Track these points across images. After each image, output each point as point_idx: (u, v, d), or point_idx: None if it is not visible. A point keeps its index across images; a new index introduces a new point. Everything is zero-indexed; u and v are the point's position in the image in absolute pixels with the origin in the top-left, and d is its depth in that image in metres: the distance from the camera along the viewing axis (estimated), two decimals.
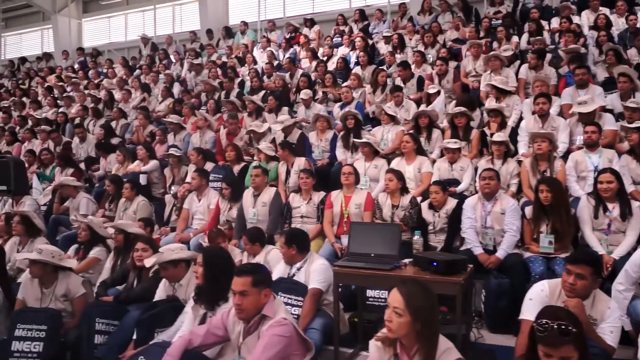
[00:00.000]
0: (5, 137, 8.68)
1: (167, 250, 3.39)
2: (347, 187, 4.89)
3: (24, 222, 4.68)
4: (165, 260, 3.35)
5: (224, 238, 4.42)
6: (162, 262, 3.38)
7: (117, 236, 4.31)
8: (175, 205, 5.73)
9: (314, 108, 7.19)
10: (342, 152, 6.17)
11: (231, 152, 6.16)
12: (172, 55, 11.33)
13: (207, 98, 8.57)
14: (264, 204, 5.07)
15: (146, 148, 6.64)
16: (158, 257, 3.39)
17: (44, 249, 3.55)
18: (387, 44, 9.27)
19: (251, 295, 2.43)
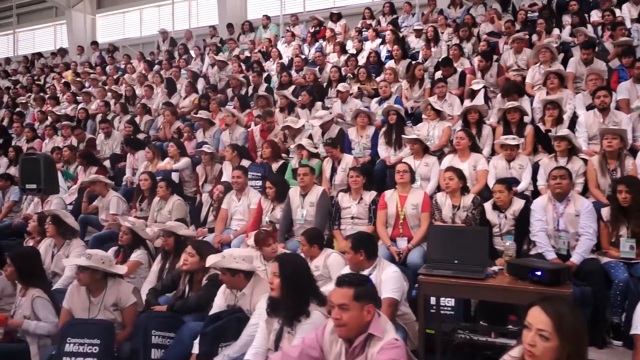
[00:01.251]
0: (26, 133, 8.39)
1: (229, 257, 3.08)
2: (402, 186, 4.57)
3: (55, 222, 4.39)
4: (224, 267, 3.05)
5: (274, 239, 4.11)
6: (220, 268, 3.08)
7: (166, 239, 4.00)
8: (212, 205, 5.42)
9: (350, 103, 6.86)
10: (385, 149, 5.86)
11: (267, 149, 5.85)
12: (192, 50, 11.02)
13: (234, 93, 8.27)
14: (312, 204, 4.76)
15: (177, 145, 6.33)
16: (217, 260, 3.08)
17: (93, 254, 3.24)
18: (417, 37, 8.95)
19: (352, 310, 2.12)
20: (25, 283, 3.45)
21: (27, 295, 3.38)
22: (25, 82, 12.27)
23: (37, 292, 3.38)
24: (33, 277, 3.46)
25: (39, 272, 3.61)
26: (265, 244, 4.01)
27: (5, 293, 3.59)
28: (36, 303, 3.33)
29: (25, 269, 3.46)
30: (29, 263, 3.50)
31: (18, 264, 3.45)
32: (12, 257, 3.49)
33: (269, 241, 4.02)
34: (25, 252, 3.62)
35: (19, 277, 3.46)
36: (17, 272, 3.45)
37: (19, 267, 3.45)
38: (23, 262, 3.47)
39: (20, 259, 3.48)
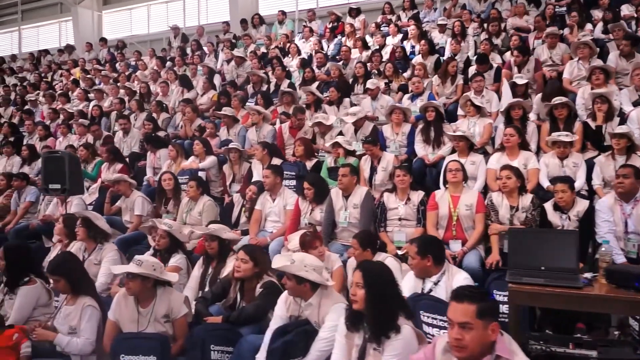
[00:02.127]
0: (39, 131, 8.08)
1: (300, 263, 2.79)
2: (454, 185, 4.30)
3: (86, 225, 4.11)
4: (293, 273, 2.77)
5: (321, 242, 3.84)
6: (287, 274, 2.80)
7: (210, 243, 3.72)
8: (244, 206, 5.14)
9: (381, 100, 6.60)
10: (422, 147, 5.59)
11: (299, 146, 5.58)
12: (206, 46, 10.72)
13: (255, 90, 7.99)
14: (356, 206, 4.48)
15: (203, 143, 6.05)
16: (286, 265, 2.80)
17: (144, 260, 2.96)
18: (441, 32, 8.69)
19: (475, 330, 1.85)
20: (76, 293, 3.15)
21: (77, 304, 3.10)
22: (32, 80, 11.94)
23: (89, 300, 3.09)
24: (83, 285, 3.17)
25: (87, 278, 3.32)
26: (311, 247, 3.74)
27: (40, 302, 3.29)
28: (86, 313, 3.04)
29: (76, 278, 3.15)
30: (77, 272, 3.20)
31: (67, 274, 3.13)
32: (58, 268, 3.15)
33: (315, 244, 3.76)
34: (70, 261, 3.30)
35: (71, 287, 3.14)
36: (68, 282, 3.13)
37: (69, 277, 3.13)
38: (72, 272, 3.15)
39: (68, 269, 3.15)
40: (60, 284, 3.11)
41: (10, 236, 5.97)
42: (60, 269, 3.11)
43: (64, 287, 3.13)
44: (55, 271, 3.10)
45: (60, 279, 3.09)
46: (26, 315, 3.22)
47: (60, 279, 3.09)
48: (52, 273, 3.10)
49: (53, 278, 3.11)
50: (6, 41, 17.21)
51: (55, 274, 3.10)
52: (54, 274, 3.09)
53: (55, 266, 3.13)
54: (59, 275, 3.08)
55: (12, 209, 6.39)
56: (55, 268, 3.11)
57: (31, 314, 3.24)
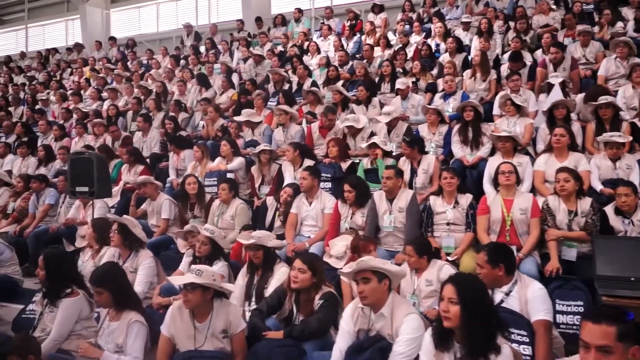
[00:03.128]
0: (54, 131, 7.85)
1: (380, 262, 2.56)
2: (506, 188, 4.09)
3: (122, 232, 3.88)
4: (378, 268, 2.54)
5: (375, 247, 3.62)
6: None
7: (255, 252, 3.50)
8: (278, 209, 4.93)
9: (412, 99, 6.38)
10: (460, 147, 5.38)
11: (333, 147, 5.36)
12: (220, 45, 10.50)
13: (276, 89, 7.77)
14: (401, 210, 4.26)
15: (230, 144, 5.83)
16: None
17: (203, 269, 2.72)
18: (465, 30, 8.48)
19: (616, 354, 1.64)
20: (120, 307, 2.89)
21: (123, 320, 2.85)
22: (41, 79, 11.71)
23: (135, 315, 2.84)
24: (129, 299, 2.92)
25: (132, 291, 3.07)
26: (365, 252, 3.54)
27: (82, 316, 3.05)
28: (132, 329, 2.79)
29: (121, 292, 2.90)
30: (123, 285, 2.95)
31: (113, 287, 2.86)
32: (103, 279, 2.87)
33: (369, 247, 3.55)
34: (117, 272, 3.01)
35: (115, 301, 2.88)
36: (112, 296, 2.86)
37: (114, 289, 2.86)
38: (118, 285, 2.90)
39: (114, 281, 2.89)
40: (104, 297, 2.86)
41: (30, 240, 5.76)
42: (106, 280, 2.86)
43: (107, 301, 2.89)
44: (100, 282, 2.84)
45: (104, 292, 2.84)
46: (69, 329, 2.99)
47: (104, 292, 2.84)
48: (97, 284, 2.83)
49: (97, 290, 2.85)
50: (11, 40, 16.98)
51: (100, 285, 2.84)
52: (99, 285, 2.83)
53: (101, 277, 2.88)
54: (103, 287, 2.83)
55: (30, 212, 6.16)
56: (101, 279, 2.86)
57: (73, 327, 3.01)
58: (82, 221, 5.52)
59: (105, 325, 2.89)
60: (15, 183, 6.32)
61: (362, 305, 2.69)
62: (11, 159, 7.50)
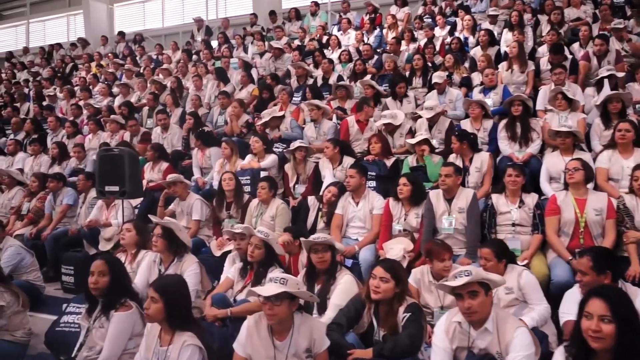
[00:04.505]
0: (66, 128, 7.47)
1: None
2: (575, 187, 3.79)
3: (167, 236, 3.52)
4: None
5: (450, 254, 3.30)
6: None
7: (323, 255, 3.17)
8: (321, 210, 4.60)
9: (449, 94, 6.08)
10: (507, 144, 5.07)
11: (376, 144, 5.04)
12: (234, 39, 10.16)
13: (299, 84, 7.45)
14: (461, 210, 3.96)
15: (262, 140, 5.49)
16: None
17: (287, 278, 2.39)
18: (492, 24, 8.20)
19: None
20: (173, 327, 2.47)
21: (175, 343, 2.44)
22: (46, 74, 11.30)
23: (189, 338, 2.41)
24: (186, 321, 2.50)
25: (192, 314, 2.67)
26: (438, 259, 3.22)
27: (135, 332, 2.70)
28: (185, 353, 2.37)
29: (181, 310, 2.49)
30: (184, 302, 2.54)
31: (172, 302, 2.43)
32: (167, 290, 2.46)
33: (444, 256, 3.23)
34: (183, 289, 2.59)
35: (168, 317, 2.46)
36: (165, 310, 2.44)
37: (171, 306, 2.43)
38: (179, 302, 2.48)
39: (177, 297, 2.46)
40: (156, 308, 2.44)
41: (48, 243, 5.40)
42: (170, 292, 2.46)
43: (158, 313, 2.45)
44: (162, 290, 2.44)
45: (159, 301, 2.44)
46: (122, 348, 2.63)
47: (159, 302, 2.44)
48: (158, 291, 2.41)
49: (153, 296, 2.42)
50: (10, 35, 16.52)
51: (161, 293, 2.44)
52: (160, 293, 2.42)
53: (166, 286, 2.48)
54: (162, 297, 2.44)
55: (47, 213, 5.78)
56: (165, 288, 2.46)
57: (126, 345, 2.66)
58: (106, 223, 5.17)
59: (156, 351, 2.49)
60: (30, 182, 5.94)
61: (458, 320, 2.38)
62: (22, 157, 7.11)
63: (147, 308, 2.43)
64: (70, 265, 4.94)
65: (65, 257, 5.03)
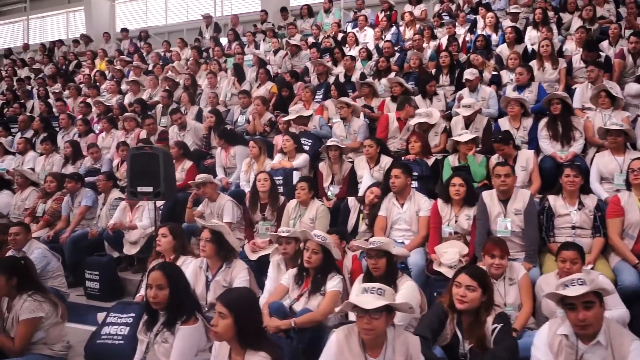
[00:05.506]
0: (78, 126, 7.17)
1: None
2: (638, 188, 3.63)
3: (217, 241, 3.27)
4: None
5: (502, 252, 3.12)
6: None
7: (377, 261, 2.97)
8: (362, 212, 4.39)
9: (481, 91, 5.90)
10: (549, 143, 4.91)
11: (416, 142, 4.85)
12: (245, 36, 9.92)
13: (320, 81, 7.24)
14: (518, 212, 3.77)
15: (293, 139, 5.27)
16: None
17: (384, 288, 2.14)
18: (514, 21, 8.04)
19: None
20: (245, 346, 2.19)
21: None
22: (48, 72, 10.97)
23: (263, 359, 2.15)
24: (257, 335, 2.23)
25: (263, 330, 2.41)
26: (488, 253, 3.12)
27: (200, 347, 2.44)
28: None
29: (252, 323, 2.21)
30: (257, 320, 2.28)
31: (243, 319, 2.15)
32: (236, 305, 2.18)
33: (493, 251, 3.12)
34: (254, 303, 2.34)
35: (239, 335, 2.17)
36: (236, 327, 2.14)
37: (243, 322, 2.14)
38: (251, 319, 2.21)
39: (248, 312, 2.20)
40: (224, 324, 2.16)
41: (67, 247, 5.13)
42: (240, 307, 2.18)
43: (227, 330, 2.17)
44: (231, 305, 2.15)
45: (228, 317, 2.14)
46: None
47: (229, 318, 2.15)
48: (227, 305, 2.10)
49: (221, 312, 2.19)
50: (8, 32, 16.09)
51: (231, 309, 2.14)
52: (229, 308, 2.08)
53: (236, 301, 2.19)
54: (232, 312, 2.14)
55: (64, 215, 5.51)
56: (234, 302, 2.18)
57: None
58: (131, 225, 4.92)
59: None
60: (47, 183, 5.65)
61: (564, 333, 2.18)
62: (33, 156, 6.81)
63: (215, 325, 2.17)
64: (94, 270, 4.72)
65: (88, 261, 4.80)
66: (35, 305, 2.88)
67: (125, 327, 3.11)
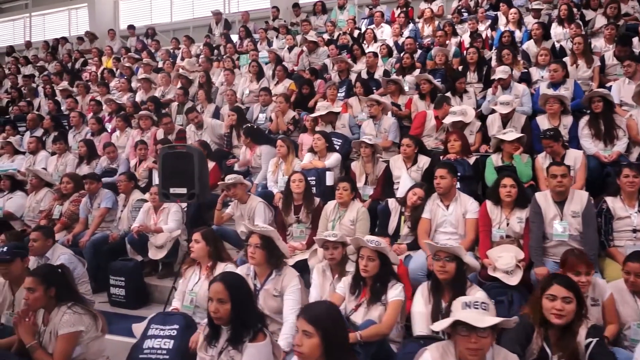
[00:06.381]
0: (91, 125, 6.92)
1: None
2: None
3: (267, 246, 3.03)
4: None
5: (590, 267, 2.91)
6: None
7: (446, 264, 2.76)
8: (403, 214, 4.18)
9: (514, 88, 5.71)
10: (591, 142, 4.73)
11: (456, 142, 4.64)
12: (258, 33, 9.69)
13: (341, 78, 7.02)
14: (575, 214, 3.57)
15: (325, 137, 5.06)
16: None
17: (488, 302, 1.94)
18: (536, 17, 7.87)
19: None
20: None
21: None
22: (53, 69, 10.69)
23: None
24: (345, 354, 2.02)
25: (348, 342, 2.18)
26: (572, 270, 2.86)
27: None
28: None
29: (339, 341, 2.01)
30: (342, 332, 2.06)
31: (326, 335, 1.96)
32: (315, 322, 1.97)
33: (579, 267, 2.86)
34: (331, 311, 2.10)
35: (327, 356, 1.97)
36: (324, 346, 1.95)
37: (328, 340, 1.96)
38: (334, 332, 1.99)
39: (329, 325, 1.99)
40: (311, 343, 1.95)
41: (87, 251, 4.88)
42: (327, 324, 1.97)
43: (314, 351, 1.97)
44: (318, 323, 1.93)
45: (314, 336, 1.95)
46: None
47: (315, 337, 1.95)
48: (313, 323, 1.89)
49: (306, 331, 1.94)
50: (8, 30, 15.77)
51: (318, 327, 1.91)
52: (316, 326, 1.88)
53: (323, 318, 1.98)
54: (319, 331, 1.93)
55: (81, 217, 5.28)
56: (321, 320, 1.97)
57: None
58: (156, 229, 4.69)
59: None
60: (64, 184, 5.40)
61: None
62: (45, 156, 6.56)
63: (299, 345, 1.96)
64: (120, 276, 4.48)
65: (113, 266, 4.56)
66: (76, 318, 2.65)
67: (169, 340, 2.88)
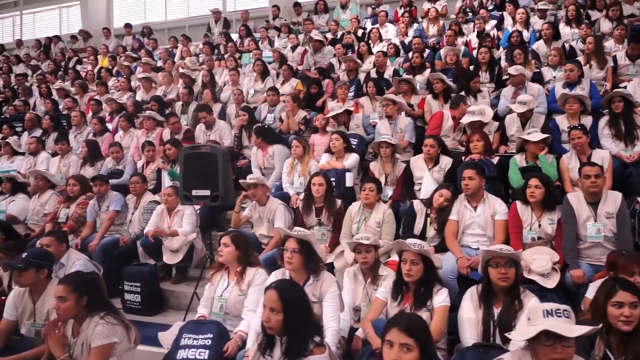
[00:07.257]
0: (93, 125, 6.70)
1: None
2: None
3: (305, 251, 2.89)
4: None
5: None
6: None
7: (507, 270, 2.66)
8: (429, 215, 4.09)
9: (529, 88, 5.66)
10: (612, 142, 4.70)
11: (479, 142, 4.56)
12: (259, 32, 9.55)
13: (349, 78, 6.92)
14: (609, 215, 3.51)
15: (343, 137, 4.95)
16: None
17: (569, 309, 1.83)
18: (542, 18, 7.86)
19: None
20: None
21: None
22: (47, 68, 10.41)
23: None
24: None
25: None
26: (626, 272, 2.79)
27: None
28: None
29: (434, 353, 1.92)
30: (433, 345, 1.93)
31: (426, 348, 1.84)
32: (414, 332, 1.85)
33: (633, 268, 2.80)
34: (425, 322, 2.02)
35: None
36: (421, 355, 1.82)
37: (426, 352, 1.84)
38: (432, 345, 1.95)
39: (428, 335, 1.91)
40: None
41: (96, 255, 4.70)
42: (422, 337, 1.85)
43: None
44: (414, 339, 1.80)
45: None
46: None
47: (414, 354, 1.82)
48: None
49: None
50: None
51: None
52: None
53: (415, 332, 1.84)
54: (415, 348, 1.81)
55: (89, 221, 5.09)
56: (415, 334, 1.83)
57: None
58: (171, 232, 4.53)
59: None
60: (70, 186, 5.21)
61: None
62: (46, 157, 6.33)
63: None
64: (135, 282, 4.32)
65: (127, 271, 4.39)
66: (109, 329, 2.50)
67: (204, 350, 2.75)
